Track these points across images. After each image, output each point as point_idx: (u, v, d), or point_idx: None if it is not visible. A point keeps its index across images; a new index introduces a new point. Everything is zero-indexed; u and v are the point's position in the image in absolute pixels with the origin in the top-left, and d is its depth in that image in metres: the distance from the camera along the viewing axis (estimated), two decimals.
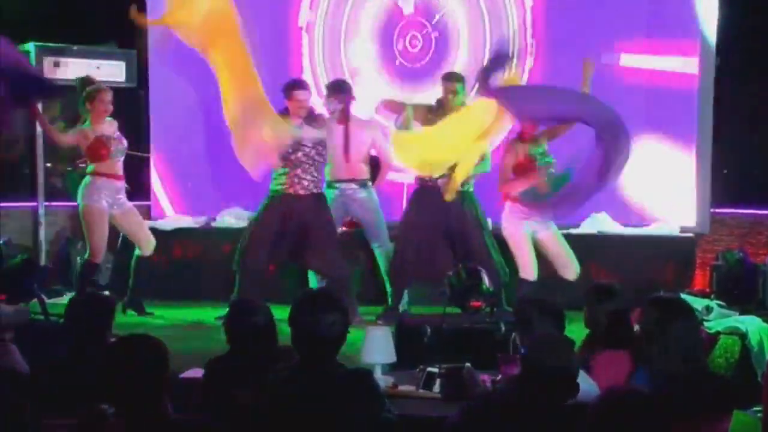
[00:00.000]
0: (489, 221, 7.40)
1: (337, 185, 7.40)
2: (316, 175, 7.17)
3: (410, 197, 7.52)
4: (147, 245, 7.48)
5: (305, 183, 7.12)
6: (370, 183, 7.51)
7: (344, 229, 7.89)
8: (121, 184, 7.34)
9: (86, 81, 7.37)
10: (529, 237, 6.94)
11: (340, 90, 7.36)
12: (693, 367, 3.36)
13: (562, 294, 6.15)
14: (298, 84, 7.24)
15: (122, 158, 7.36)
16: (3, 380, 3.76)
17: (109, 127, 7.29)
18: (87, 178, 7.26)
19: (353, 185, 7.42)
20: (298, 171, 7.10)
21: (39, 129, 8.64)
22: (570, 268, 6.90)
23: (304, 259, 7.22)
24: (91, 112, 7.19)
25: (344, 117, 7.30)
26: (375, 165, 7.58)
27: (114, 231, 7.51)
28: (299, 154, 7.06)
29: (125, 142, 7.38)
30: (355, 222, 7.80)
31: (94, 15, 9.08)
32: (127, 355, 3.10)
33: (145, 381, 3.03)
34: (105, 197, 7.21)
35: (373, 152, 7.51)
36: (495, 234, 7.28)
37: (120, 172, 7.33)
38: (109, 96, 7.23)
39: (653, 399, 2.91)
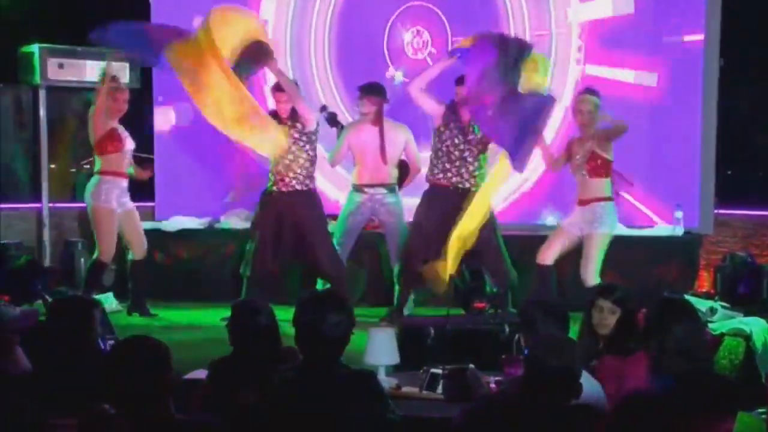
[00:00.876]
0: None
1: (367, 189, 7.35)
2: (298, 171, 7.15)
3: (421, 198, 7.40)
4: (140, 249, 7.50)
5: (287, 180, 7.14)
6: (397, 188, 7.45)
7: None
8: (126, 184, 7.39)
9: (108, 72, 7.36)
10: (566, 234, 6.90)
11: (374, 92, 7.31)
12: (696, 367, 3.35)
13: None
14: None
15: (129, 159, 7.41)
16: (6, 381, 3.76)
17: (119, 127, 7.36)
18: (95, 178, 7.30)
19: (383, 190, 7.36)
20: (279, 167, 7.11)
21: (41, 129, 8.69)
22: (590, 275, 6.83)
23: (305, 257, 7.24)
24: (110, 109, 7.20)
25: (379, 119, 7.26)
26: (401, 168, 7.53)
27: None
28: (293, 148, 7.06)
29: (132, 144, 7.43)
30: (377, 225, 7.70)
31: (97, 16, 9.07)
32: (128, 356, 3.11)
33: (146, 382, 3.04)
34: (114, 197, 7.25)
35: (402, 156, 7.48)
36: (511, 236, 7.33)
37: (126, 171, 7.38)
38: (126, 96, 7.33)
39: (664, 400, 2.91)
